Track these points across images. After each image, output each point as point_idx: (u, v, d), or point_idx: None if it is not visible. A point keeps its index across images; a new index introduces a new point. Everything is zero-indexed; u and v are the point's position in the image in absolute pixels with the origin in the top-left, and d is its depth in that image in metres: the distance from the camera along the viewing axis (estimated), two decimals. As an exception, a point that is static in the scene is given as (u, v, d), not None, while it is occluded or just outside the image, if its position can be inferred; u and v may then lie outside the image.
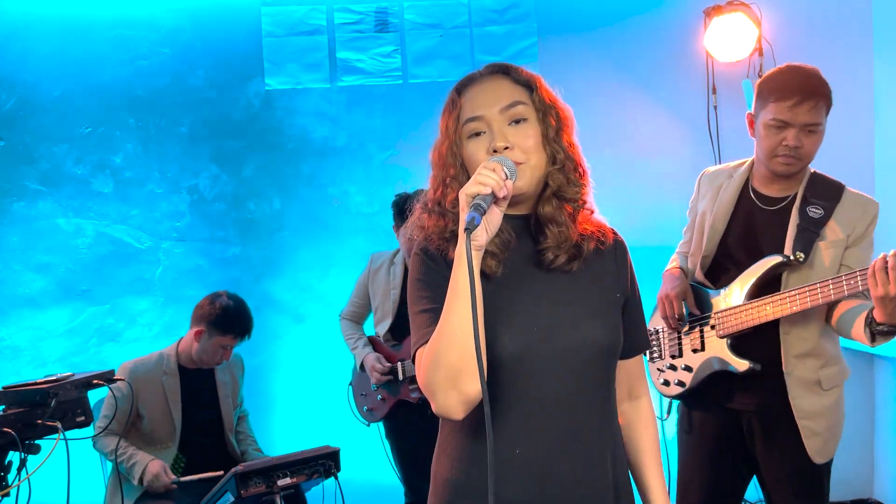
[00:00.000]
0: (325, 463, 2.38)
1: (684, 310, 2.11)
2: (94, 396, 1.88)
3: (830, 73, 3.47)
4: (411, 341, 1.22)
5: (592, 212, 1.31)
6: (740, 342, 2.03)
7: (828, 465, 2.05)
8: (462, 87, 1.29)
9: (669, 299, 2.10)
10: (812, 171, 2.06)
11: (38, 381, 1.69)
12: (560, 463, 1.20)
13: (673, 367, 2.17)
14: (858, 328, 1.85)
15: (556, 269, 1.24)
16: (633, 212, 3.20)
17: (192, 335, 2.81)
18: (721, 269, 2.09)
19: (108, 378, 1.77)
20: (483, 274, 1.17)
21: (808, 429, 1.97)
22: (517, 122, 1.23)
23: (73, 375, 1.73)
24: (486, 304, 1.15)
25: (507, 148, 1.20)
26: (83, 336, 3.39)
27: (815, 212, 1.98)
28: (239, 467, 2.25)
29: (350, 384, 3.17)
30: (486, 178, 1.09)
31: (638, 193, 3.37)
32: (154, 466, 2.61)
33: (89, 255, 3.39)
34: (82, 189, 3.38)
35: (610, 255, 1.32)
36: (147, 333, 3.40)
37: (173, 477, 2.63)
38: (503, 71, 1.28)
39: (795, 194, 2.03)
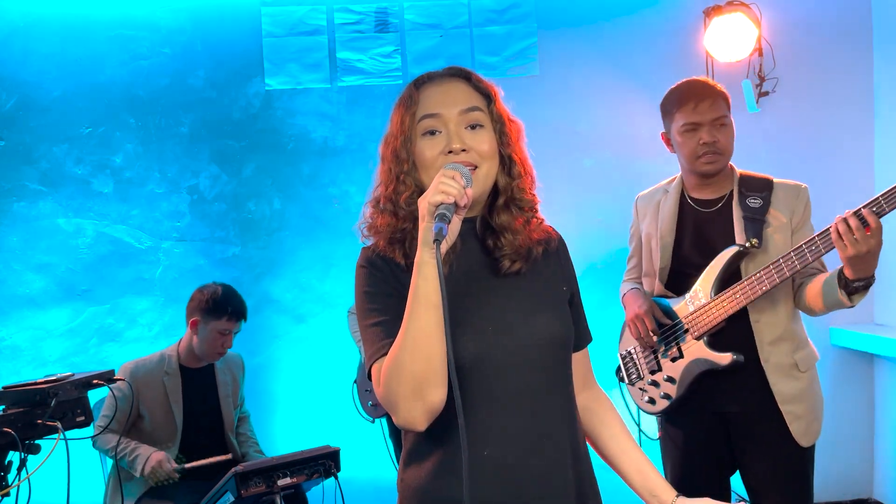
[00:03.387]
0: (325, 463, 2.38)
1: (655, 324, 2.13)
2: (94, 396, 1.88)
3: (830, 73, 3.52)
4: (366, 355, 1.21)
5: (542, 221, 1.33)
6: (716, 340, 2.06)
7: (811, 450, 2.10)
8: (420, 84, 1.30)
9: (640, 317, 2.13)
10: (739, 171, 2.16)
11: (38, 381, 1.69)
12: (528, 459, 1.20)
13: (654, 384, 2.17)
14: (833, 294, 1.93)
15: (507, 273, 1.25)
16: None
17: (189, 330, 2.82)
18: (681, 276, 2.14)
19: (108, 378, 1.77)
20: None
21: (791, 413, 2.03)
22: (473, 127, 1.24)
23: (73, 375, 1.73)
24: None
25: (463, 150, 1.21)
26: (83, 336, 3.39)
27: (754, 202, 2.08)
28: (239, 467, 2.25)
29: (355, 381, 3.18)
30: (449, 187, 1.09)
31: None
32: (156, 456, 2.62)
33: (89, 255, 3.39)
34: (82, 189, 3.38)
35: (553, 253, 1.35)
36: (147, 333, 3.40)
37: (175, 466, 2.64)
38: (464, 76, 1.30)
39: (731, 192, 2.13)
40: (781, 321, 2.06)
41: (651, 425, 2.32)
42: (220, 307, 2.78)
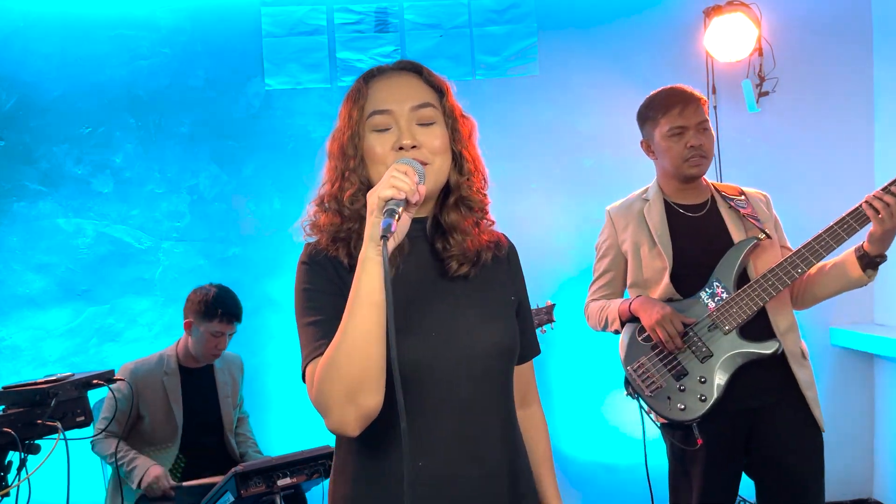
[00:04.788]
0: (325, 463, 2.38)
1: (682, 324, 2.08)
2: (94, 397, 1.88)
3: (830, 73, 3.52)
4: (302, 355, 1.17)
5: (493, 223, 1.29)
6: (742, 332, 2.06)
7: None
8: (370, 77, 1.25)
9: (666, 318, 2.05)
10: (708, 181, 2.24)
11: (38, 381, 1.69)
12: (464, 471, 1.16)
13: (684, 389, 2.07)
14: (852, 274, 2.01)
15: (454, 276, 1.21)
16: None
17: (185, 331, 2.83)
18: (682, 279, 2.13)
19: (108, 378, 1.77)
20: None
21: (811, 399, 2.07)
22: (425, 124, 1.20)
23: (73, 375, 1.73)
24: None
25: (413, 147, 1.17)
26: (83, 336, 3.39)
27: (740, 204, 2.16)
28: (239, 467, 2.25)
29: None
30: (401, 183, 1.05)
31: (638, 193, 3.38)
32: (154, 471, 2.61)
33: (89, 255, 3.39)
34: (82, 189, 3.38)
35: (504, 260, 1.31)
36: (147, 333, 3.40)
37: (173, 483, 2.62)
38: (416, 70, 1.26)
39: (710, 197, 2.20)
40: (789, 310, 2.12)
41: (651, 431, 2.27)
42: (212, 309, 2.76)
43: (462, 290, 1.22)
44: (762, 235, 2.09)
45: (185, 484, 2.65)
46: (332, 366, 1.06)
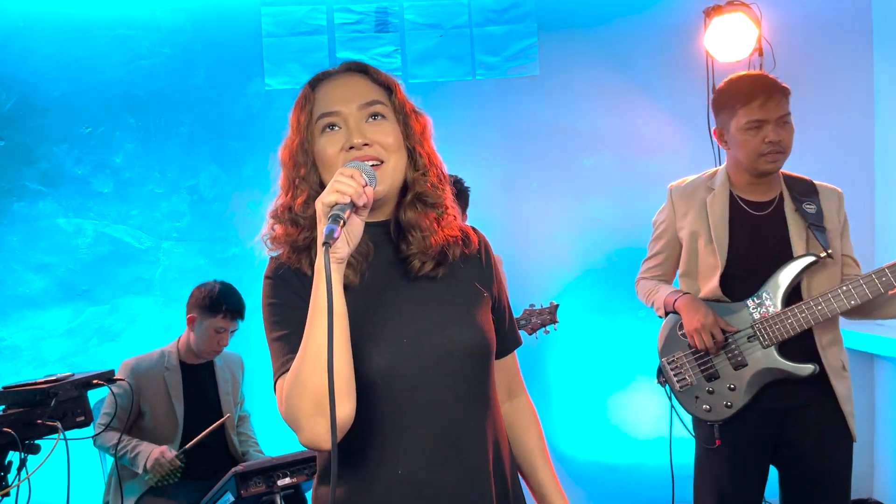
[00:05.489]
0: (325, 463, 2.38)
1: (723, 335, 2.04)
2: (94, 396, 1.88)
3: (830, 73, 3.52)
4: (273, 371, 1.15)
5: (456, 217, 1.26)
6: (781, 346, 2.02)
7: None
8: (316, 82, 1.23)
9: (707, 329, 2.02)
10: (781, 171, 2.13)
11: (38, 381, 1.69)
12: (443, 475, 1.13)
13: (713, 392, 2.06)
14: None
15: (421, 276, 1.18)
16: (633, 212, 3.21)
17: (187, 326, 2.83)
18: (733, 279, 2.07)
19: (108, 378, 1.77)
20: (343, 287, 1.09)
21: (849, 413, 2.03)
22: (374, 117, 1.17)
23: (73, 375, 1.74)
24: (350, 318, 1.07)
25: (365, 145, 1.14)
26: (83, 336, 3.39)
27: (809, 208, 2.05)
28: (239, 467, 2.26)
29: None
30: (344, 186, 1.02)
31: (638, 194, 3.37)
32: (158, 449, 2.63)
33: (89, 255, 3.39)
34: (82, 189, 3.38)
35: (475, 256, 1.28)
36: (147, 333, 3.40)
37: (176, 453, 2.63)
38: (361, 70, 1.24)
39: (779, 195, 2.10)
40: (835, 325, 2.06)
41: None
42: (216, 305, 2.78)
43: (430, 291, 1.19)
44: (823, 254, 1.99)
45: (187, 446, 2.65)
46: (297, 379, 1.05)
